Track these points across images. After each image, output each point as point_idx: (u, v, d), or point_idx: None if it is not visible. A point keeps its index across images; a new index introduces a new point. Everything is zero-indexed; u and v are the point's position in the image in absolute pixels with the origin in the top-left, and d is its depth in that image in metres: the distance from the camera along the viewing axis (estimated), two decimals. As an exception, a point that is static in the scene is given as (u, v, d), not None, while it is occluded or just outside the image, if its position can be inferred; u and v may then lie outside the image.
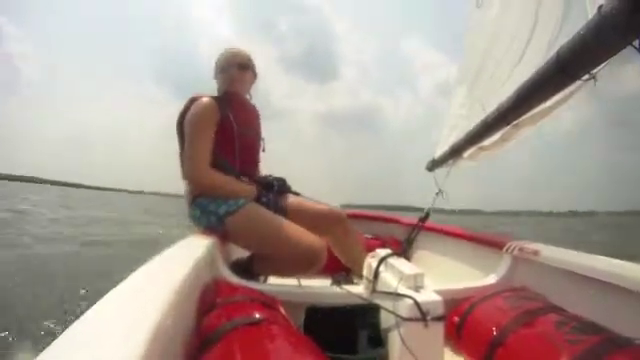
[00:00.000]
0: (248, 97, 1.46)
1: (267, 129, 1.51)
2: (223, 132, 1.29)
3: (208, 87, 1.44)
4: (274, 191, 1.40)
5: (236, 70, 1.38)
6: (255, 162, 1.46)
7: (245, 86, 1.43)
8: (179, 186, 1.39)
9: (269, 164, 1.54)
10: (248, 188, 1.31)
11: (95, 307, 0.48)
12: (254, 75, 1.45)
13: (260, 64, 1.48)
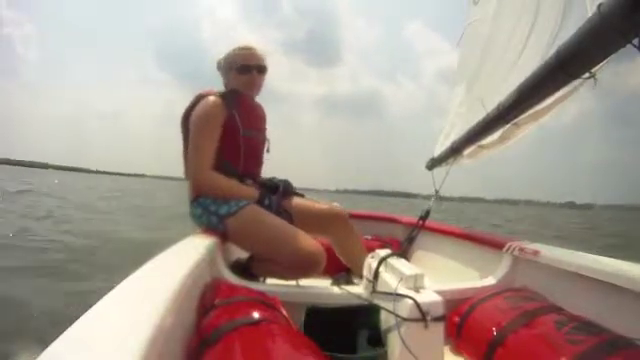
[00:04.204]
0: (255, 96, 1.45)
1: (267, 113, 1.48)
2: (228, 133, 1.29)
3: (209, 69, 1.40)
4: (279, 193, 1.39)
5: (255, 74, 1.36)
6: (259, 164, 1.46)
7: (259, 89, 1.42)
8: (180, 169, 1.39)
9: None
10: (250, 191, 1.30)
11: (95, 307, 0.48)
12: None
13: (262, 46, 1.44)
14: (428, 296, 0.80)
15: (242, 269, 1.24)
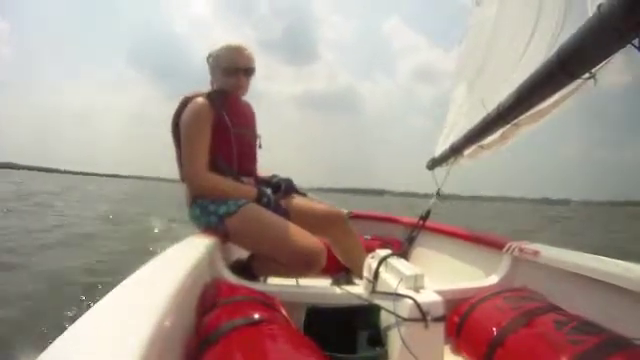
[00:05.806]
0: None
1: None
2: (219, 132, 1.29)
3: (185, 68, 1.38)
4: (281, 191, 1.38)
5: (242, 76, 1.35)
6: (253, 160, 1.46)
7: (246, 91, 1.41)
8: (157, 169, 1.37)
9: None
10: (248, 189, 1.30)
11: (95, 307, 0.48)
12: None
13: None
14: (428, 296, 0.80)
15: (242, 269, 1.24)
